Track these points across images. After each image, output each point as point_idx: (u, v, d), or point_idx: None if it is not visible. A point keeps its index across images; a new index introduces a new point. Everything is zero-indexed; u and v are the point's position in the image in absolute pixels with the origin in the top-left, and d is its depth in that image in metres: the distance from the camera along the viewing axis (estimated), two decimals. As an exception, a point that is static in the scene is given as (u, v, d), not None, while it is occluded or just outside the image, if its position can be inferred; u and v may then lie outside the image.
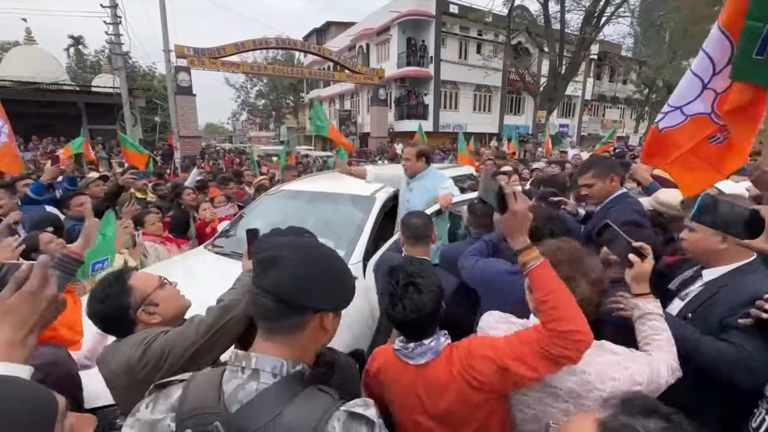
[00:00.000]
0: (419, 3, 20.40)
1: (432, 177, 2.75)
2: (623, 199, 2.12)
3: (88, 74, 27.90)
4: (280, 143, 36.93)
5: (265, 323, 0.77)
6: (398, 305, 1.14)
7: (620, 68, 28.23)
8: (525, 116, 25.32)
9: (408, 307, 1.12)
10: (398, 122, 22.46)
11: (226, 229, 3.03)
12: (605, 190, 2.12)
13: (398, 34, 21.60)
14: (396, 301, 1.15)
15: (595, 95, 28.33)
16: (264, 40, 17.17)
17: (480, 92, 24.03)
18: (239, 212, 3.41)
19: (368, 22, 23.57)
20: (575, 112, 27.59)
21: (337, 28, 28.71)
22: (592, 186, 2.14)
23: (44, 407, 0.59)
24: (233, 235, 2.90)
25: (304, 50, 18.16)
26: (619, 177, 2.19)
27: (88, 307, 1.16)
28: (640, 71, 24.06)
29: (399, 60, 21.79)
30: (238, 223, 3.11)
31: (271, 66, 20.60)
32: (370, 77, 19.40)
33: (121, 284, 1.18)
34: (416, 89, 22.52)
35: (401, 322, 1.16)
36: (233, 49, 16.28)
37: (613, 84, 29.36)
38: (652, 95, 24.21)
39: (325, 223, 2.70)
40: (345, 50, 24.66)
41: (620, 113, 30.95)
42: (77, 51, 31.50)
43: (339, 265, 0.84)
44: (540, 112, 18.67)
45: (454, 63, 22.23)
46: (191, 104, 15.76)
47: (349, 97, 27.76)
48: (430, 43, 21.34)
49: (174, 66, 14.53)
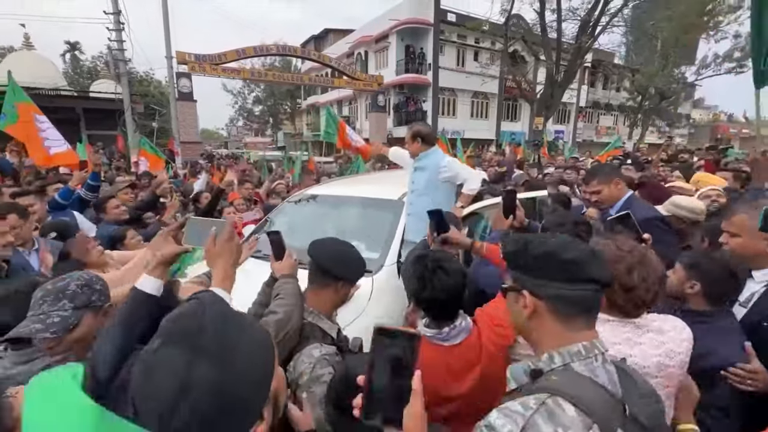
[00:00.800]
0: (418, 11, 20.70)
1: (433, 157, 2.62)
2: (635, 200, 2.24)
3: (84, 79, 27.79)
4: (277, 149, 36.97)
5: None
6: (428, 287, 1.24)
7: (614, 76, 28.78)
8: (521, 122, 25.65)
9: (438, 287, 1.23)
10: (397, 128, 22.64)
11: (254, 232, 3.08)
12: (612, 194, 2.22)
13: (397, 42, 21.86)
14: (426, 283, 1.25)
15: (590, 102, 28.81)
16: (265, 47, 17.29)
17: (477, 99, 24.34)
18: (264, 217, 3.46)
19: (367, 29, 23.83)
20: (570, 118, 28.01)
21: (335, 35, 28.95)
22: (600, 192, 2.24)
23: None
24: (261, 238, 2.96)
25: (304, 57, 18.30)
26: (624, 180, 2.31)
27: None
28: (633, 79, 24.56)
29: (398, 67, 22.03)
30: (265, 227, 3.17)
31: (271, 72, 20.70)
32: (370, 84, 19.57)
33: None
34: (415, 96, 22.75)
35: (431, 301, 1.26)
36: (234, 55, 16.37)
37: (607, 91, 29.88)
38: (645, 102, 24.67)
39: (356, 227, 2.77)
40: (343, 57, 24.86)
41: (614, 120, 31.46)
42: (73, 56, 31.37)
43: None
44: (537, 119, 18.97)
45: (452, 70, 22.53)
46: (192, 110, 15.80)
47: (347, 103, 27.93)
48: (428, 50, 21.61)
49: (175, 72, 14.57)
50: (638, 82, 23.72)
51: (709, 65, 23.16)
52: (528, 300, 0.78)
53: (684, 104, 30.36)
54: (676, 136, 29.16)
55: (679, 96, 25.39)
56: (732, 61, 21.85)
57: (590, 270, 0.76)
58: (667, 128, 27.81)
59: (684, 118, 31.83)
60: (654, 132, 28.34)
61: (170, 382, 0.55)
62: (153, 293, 1.05)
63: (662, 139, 27.84)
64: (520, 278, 0.82)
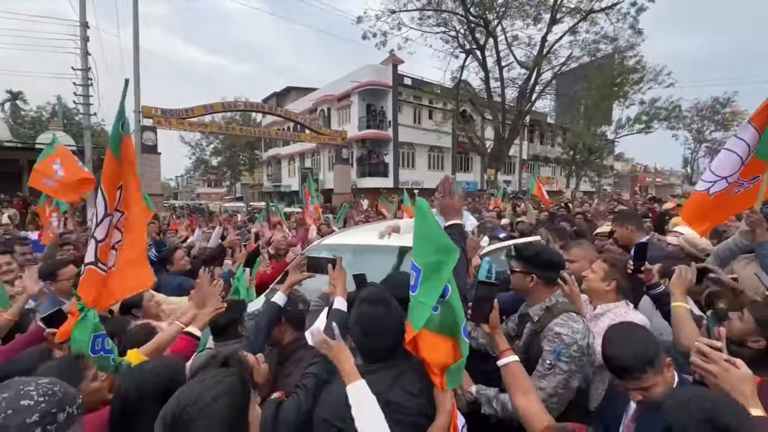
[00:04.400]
0: (377, 75, 22.73)
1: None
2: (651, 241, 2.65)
3: (26, 130, 26.28)
4: (236, 199, 36.30)
5: None
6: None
7: (548, 133, 32.75)
8: (473, 173, 27.92)
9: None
10: (360, 179, 23.63)
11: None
12: (626, 236, 2.78)
13: (359, 101, 23.56)
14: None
15: (530, 155, 32.22)
16: (232, 102, 17.91)
17: (433, 152, 26.35)
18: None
19: (329, 89, 25.51)
20: (515, 169, 30.99)
21: (297, 92, 30.47)
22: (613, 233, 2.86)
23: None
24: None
25: (272, 113, 19.09)
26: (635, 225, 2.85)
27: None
28: (565, 136, 28.18)
29: (360, 123, 23.52)
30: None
31: (238, 126, 21.15)
32: (334, 138, 20.65)
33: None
34: (377, 149, 24.15)
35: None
36: (201, 110, 16.71)
37: (544, 146, 33.71)
38: (576, 156, 28.17)
39: (381, 273, 3.15)
40: (306, 113, 26.10)
41: (552, 171, 35.21)
42: (14, 106, 29.74)
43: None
44: (489, 171, 20.95)
45: (410, 127, 24.46)
46: (156, 162, 15.59)
47: (310, 155, 28.79)
48: (388, 108, 23.45)
49: (141, 125, 14.54)
50: (569, 139, 27.28)
51: (624, 126, 27.37)
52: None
53: (608, 157, 34.94)
54: (604, 185, 33.19)
55: (603, 150, 29.32)
56: (641, 123, 26.03)
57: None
58: (597, 178, 31.63)
59: (609, 169, 36.44)
60: (587, 181, 32.07)
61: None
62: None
63: (594, 187, 31.71)
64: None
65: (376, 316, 1.21)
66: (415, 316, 1.20)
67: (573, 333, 1.46)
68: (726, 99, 32.03)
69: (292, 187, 29.73)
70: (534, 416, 1.20)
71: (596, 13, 17.87)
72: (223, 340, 1.75)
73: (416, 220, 1.29)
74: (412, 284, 1.24)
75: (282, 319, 1.65)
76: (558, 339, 1.47)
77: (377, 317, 1.21)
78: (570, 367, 1.43)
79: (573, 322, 1.50)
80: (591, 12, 17.88)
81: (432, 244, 1.23)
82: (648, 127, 26.23)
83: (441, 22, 19.14)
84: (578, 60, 20.30)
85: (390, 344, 1.21)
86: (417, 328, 1.18)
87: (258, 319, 1.63)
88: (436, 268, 1.20)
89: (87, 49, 11.99)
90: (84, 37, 11.87)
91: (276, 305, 1.62)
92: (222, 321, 1.73)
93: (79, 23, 11.73)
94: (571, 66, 20.51)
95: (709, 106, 33.32)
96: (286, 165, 32.47)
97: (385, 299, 1.25)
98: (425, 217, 1.27)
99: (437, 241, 1.23)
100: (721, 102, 32.53)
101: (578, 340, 1.45)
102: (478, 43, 18.96)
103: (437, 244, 1.22)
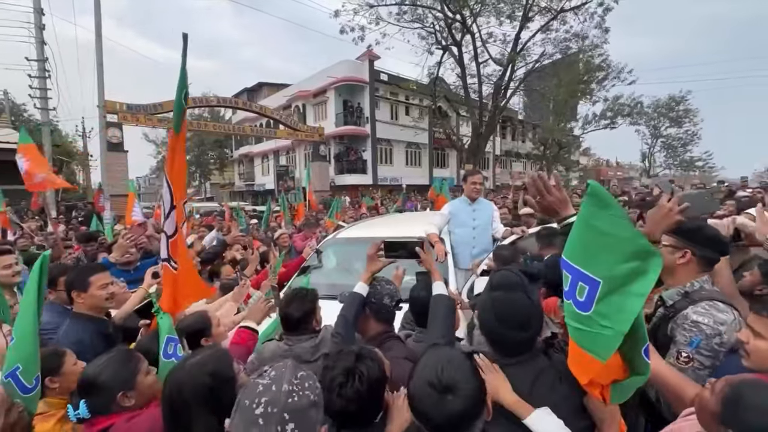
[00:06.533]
0: (353, 70, 22.45)
1: (484, 201, 3.45)
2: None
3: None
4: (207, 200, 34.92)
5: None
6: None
7: (520, 129, 33.72)
8: (450, 169, 28.27)
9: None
10: (339, 176, 23.31)
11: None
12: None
13: (335, 97, 23.18)
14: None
15: (503, 151, 33.05)
16: (205, 98, 17.14)
17: (411, 149, 26.41)
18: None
19: (305, 84, 24.93)
20: (489, 165, 31.70)
21: (269, 88, 29.60)
22: None
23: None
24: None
25: (247, 109, 18.35)
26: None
27: None
28: (535, 132, 29.11)
29: (337, 119, 23.17)
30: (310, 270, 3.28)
31: (211, 123, 20.26)
32: (311, 135, 20.20)
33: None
34: (354, 146, 23.90)
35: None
36: (171, 106, 15.83)
37: (516, 142, 34.68)
38: (546, 151, 29.20)
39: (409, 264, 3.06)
40: (280, 109, 25.37)
41: (523, 166, 36.31)
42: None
43: None
44: (467, 166, 21.26)
45: (387, 123, 24.38)
46: (122, 161, 14.64)
47: (285, 152, 28.09)
48: (365, 105, 23.25)
49: (106, 121, 13.56)
50: (540, 135, 28.20)
51: (590, 122, 28.63)
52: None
53: (575, 152, 36.43)
54: (572, 179, 34.64)
55: (572, 146, 30.58)
56: (606, 119, 27.35)
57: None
58: (565, 172, 32.88)
59: (576, 164, 38.03)
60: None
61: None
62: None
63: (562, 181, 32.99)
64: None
65: (514, 303, 1.10)
66: (593, 342, 0.91)
67: (716, 324, 1.28)
68: (681, 97, 34.31)
69: (266, 186, 28.91)
70: (678, 384, 1.15)
71: (566, 12, 18.52)
72: (297, 335, 1.59)
73: (587, 211, 0.92)
74: (582, 300, 0.92)
75: (366, 311, 1.53)
76: (696, 328, 1.30)
77: (516, 304, 1.10)
78: (713, 363, 1.26)
79: (718, 312, 1.31)
80: (562, 11, 18.50)
81: (618, 247, 0.88)
82: (613, 123, 27.60)
83: (416, 18, 19.16)
84: (551, 57, 20.98)
85: (531, 336, 1.10)
86: (601, 357, 0.89)
87: (344, 311, 1.55)
88: (627, 280, 0.87)
89: (43, 38, 11.04)
90: (39, 24, 10.91)
91: (359, 296, 1.57)
92: (296, 314, 1.57)
93: (33, 9, 10.76)
94: (543, 62, 21.16)
95: (665, 103, 35.50)
96: (260, 163, 31.55)
97: (522, 284, 1.15)
98: (605, 205, 0.89)
99: (628, 243, 0.87)
100: (676, 99, 34.75)
101: (722, 332, 1.27)
102: (454, 39, 19.15)
103: (628, 248, 0.87)
